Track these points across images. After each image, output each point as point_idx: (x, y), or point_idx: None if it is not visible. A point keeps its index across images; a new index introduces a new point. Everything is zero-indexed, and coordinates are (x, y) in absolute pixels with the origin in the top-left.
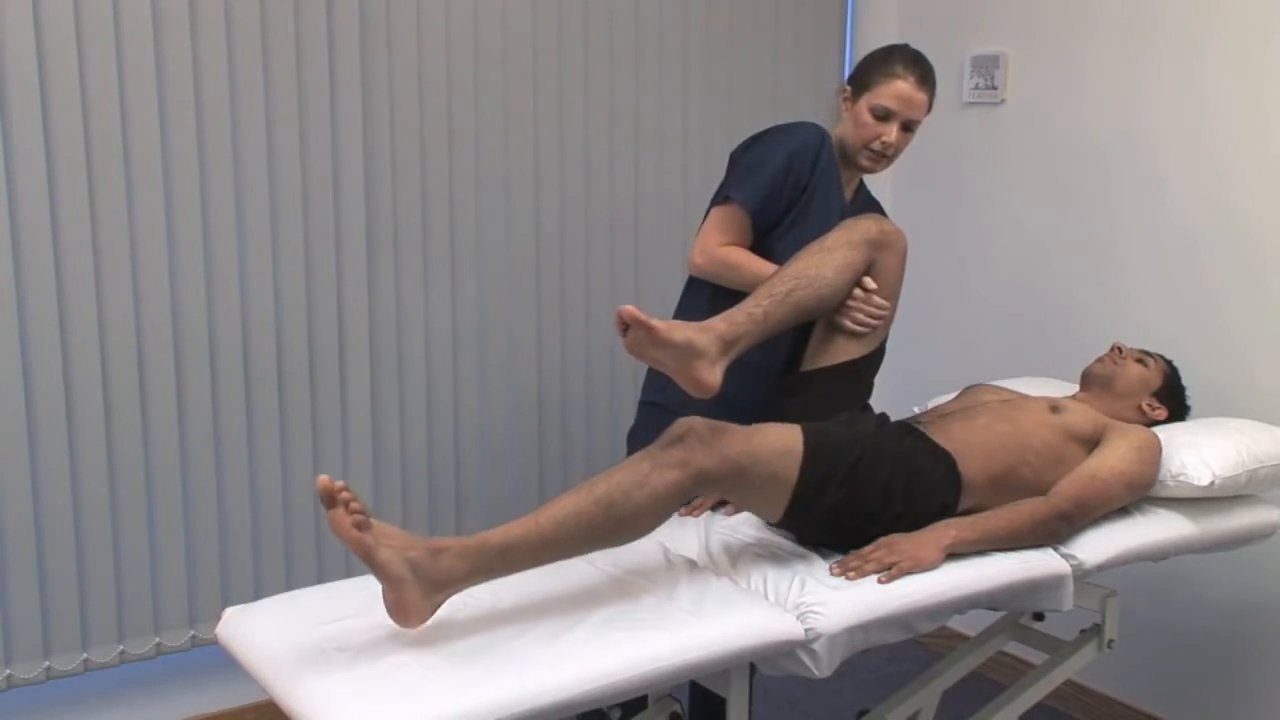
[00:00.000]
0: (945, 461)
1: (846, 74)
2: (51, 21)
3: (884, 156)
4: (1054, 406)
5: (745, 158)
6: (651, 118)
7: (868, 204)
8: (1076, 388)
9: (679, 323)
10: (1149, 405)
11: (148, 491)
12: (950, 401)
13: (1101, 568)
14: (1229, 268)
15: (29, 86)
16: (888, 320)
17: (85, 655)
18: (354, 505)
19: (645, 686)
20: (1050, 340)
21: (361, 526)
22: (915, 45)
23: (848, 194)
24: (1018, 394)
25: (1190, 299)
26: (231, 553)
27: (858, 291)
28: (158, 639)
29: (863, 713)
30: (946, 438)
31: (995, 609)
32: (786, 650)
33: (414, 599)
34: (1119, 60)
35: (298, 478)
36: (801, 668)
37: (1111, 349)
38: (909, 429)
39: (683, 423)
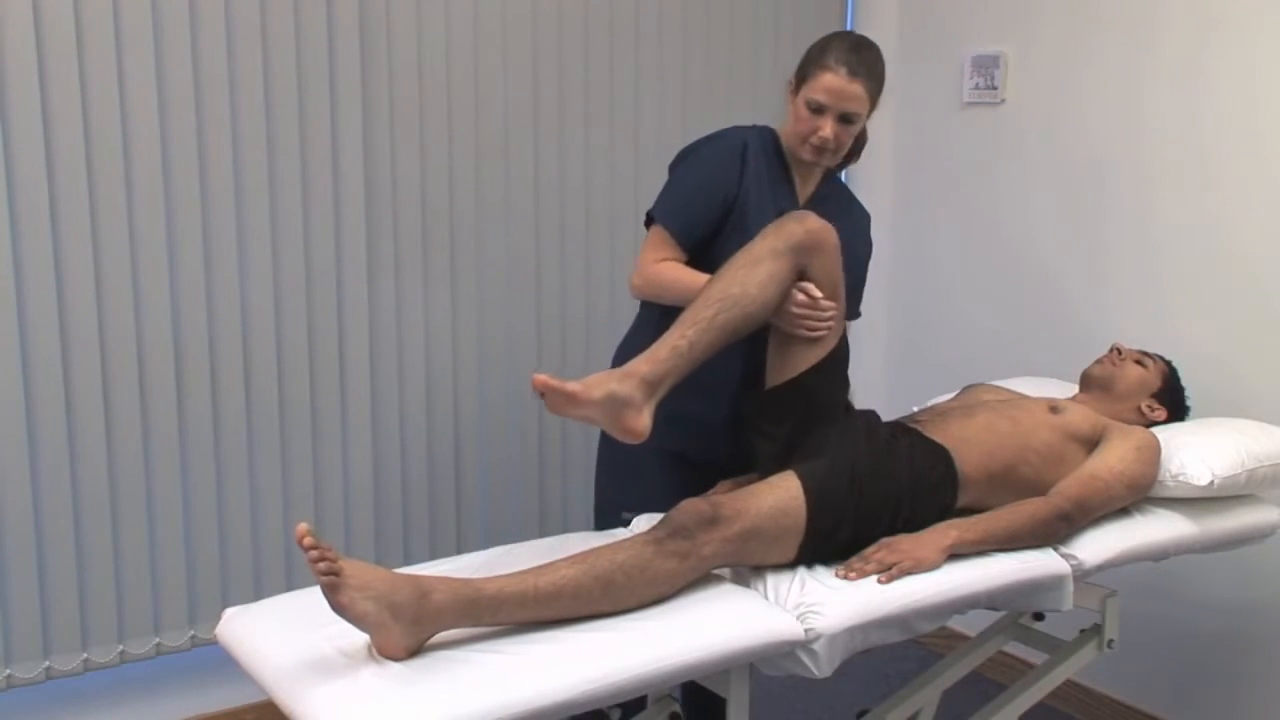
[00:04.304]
0: (943, 459)
1: None
2: (51, 21)
3: (824, 150)
4: (1053, 407)
5: (673, 174)
6: (651, 118)
7: (830, 197)
8: (1076, 388)
9: (597, 378)
10: (1148, 406)
11: (148, 491)
12: (949, 400)
13: (1101, 568)
14: (1228, 268)
15: (29, 86)
16: (840, 317)
17: (85, 655)
18: (321, 565)
19: (646, 687)
20: (1050, 340)
21: (333, 588)
22: (915, 45)
23: (808, 188)
24: (1017, 394)
25: (1189, 299)
26: (231, 553)
27: (801, 298)
28: (158, 639)
29: (863, 713)
30: (944, 435)
31: (995, 609)
32: (786, 650)
33: (397, 639)
34: (1119, 60)
35: (297, 478)
36: (801, 668)
37: (1111, 350)
38: (904, 428)
39: (686, 509)
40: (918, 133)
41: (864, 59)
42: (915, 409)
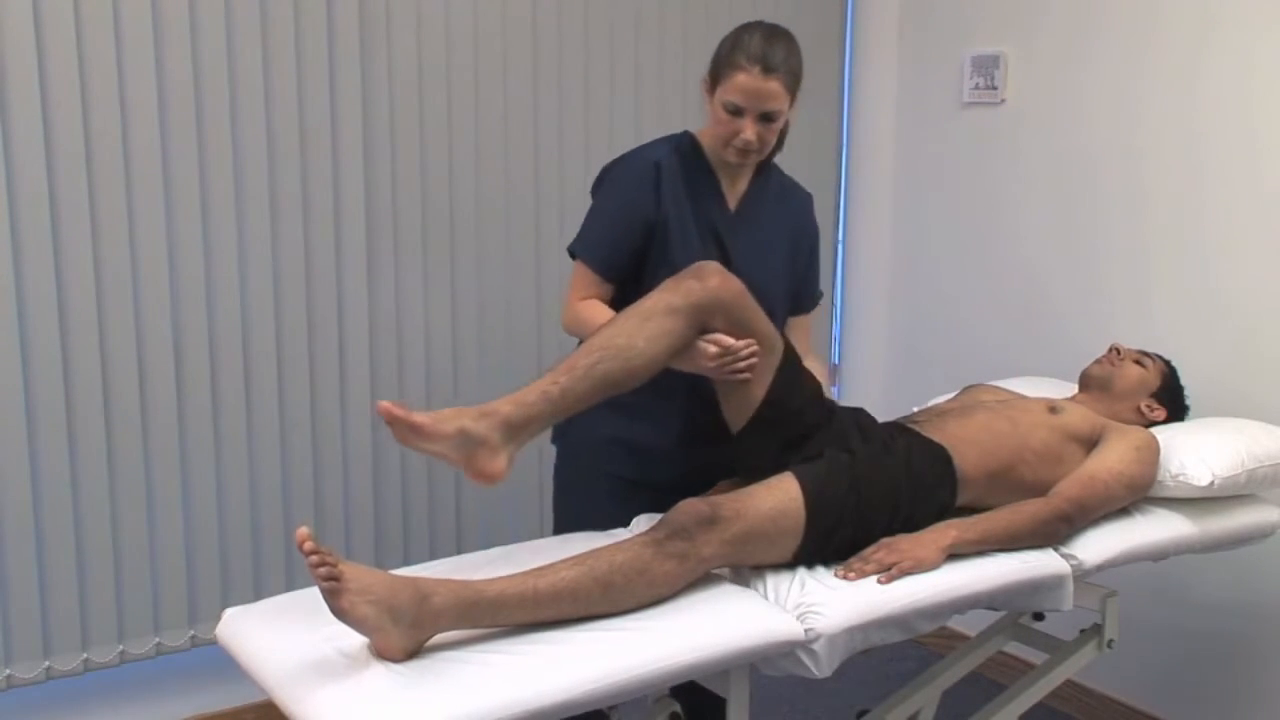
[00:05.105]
0: (941, 458)
1: (847, 75)
2: (51, 21)
3: (749, 152)
4: (1052, 407)
5: (593, 203)
6: (651, 117)
7: (764, 192)
8: (1075, 388)
9: (450, 412)
10: (1147, 406)
11: (148, 491)
12: (948, 401)
13: (1101, 568)
14: (1227, 267)
15: (29, 86)
16: (767, 340)
17: (85, 655)
18: (322, 571)
19: (646, 687)
20: (1049, 341)
21: (334, 593)
22: (915, 45)
23: (738, 187)
24: (1016, 394)
25: (1188, 298)
26: (231, 553)
27: (713, 350)
28: (158, 639)
29: (863, 713)
30: (943, 434)
31: (995, 609)
32: (786, 650)
33: (396, 642)
34: (1119, 60)
35: (297, 478)
36: (801, 668)
37: (1110, 350)
38: (902, 428)
39: (685, 510)
40: (918, 133)
41: (777, 52)
42: (915, 409)
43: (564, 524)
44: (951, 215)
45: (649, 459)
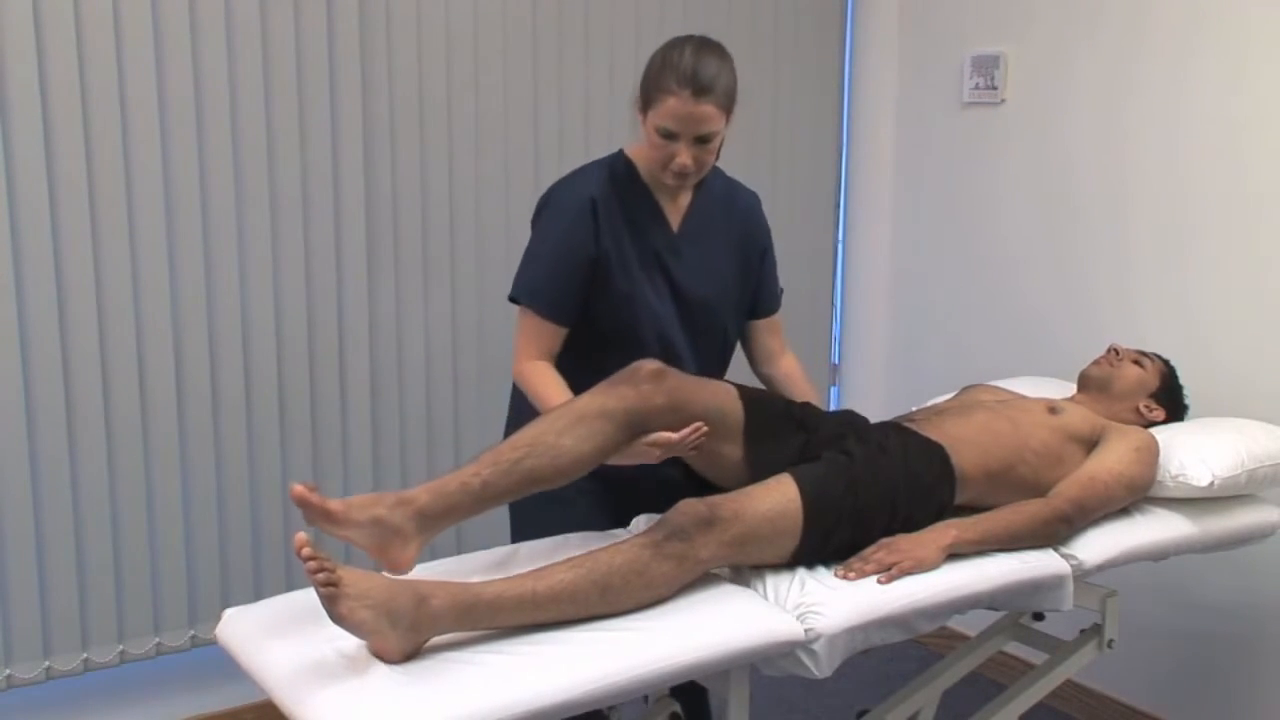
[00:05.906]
0: (939, 457)
1: (847, 75)
2: (51, 21)
3: (687, 175)
4: (1052, 408)
5: (529, 244)
6: None
7: (707, 206)
8: (1074, 389)
9: (364, 500)
10: (1146, 406)
11: (148, 491)
12: (947, 400)
13: (1101, 568)
14: (1228, 266)
15: (29, 86)
16: (717, 413)
17: (85, 655)
18: (320, 576)
19: (646, 687)
20: (1048, 341)
21: (332, 599)
22: (915, 45)
23: (680, 205)
24: (1015, 394)
25: (1189, 298)
26: (231, 553)
27: (658, 453)
28: (157, 639)
29: (863, 713)
30: (941, 433)
31: (995, 609)
32: (786, 650)
33: (394, 644)
34: (1120, 60)
35: (297, 478)
36: (801, 668)
37: (1108, 350)
38: (898, 428)
39: (683, 510)
40: (918, 133)
41: (707, 70)
42: (914, 409)
43: (520, 536)
44: (951, 215)
45: (609, 476)
